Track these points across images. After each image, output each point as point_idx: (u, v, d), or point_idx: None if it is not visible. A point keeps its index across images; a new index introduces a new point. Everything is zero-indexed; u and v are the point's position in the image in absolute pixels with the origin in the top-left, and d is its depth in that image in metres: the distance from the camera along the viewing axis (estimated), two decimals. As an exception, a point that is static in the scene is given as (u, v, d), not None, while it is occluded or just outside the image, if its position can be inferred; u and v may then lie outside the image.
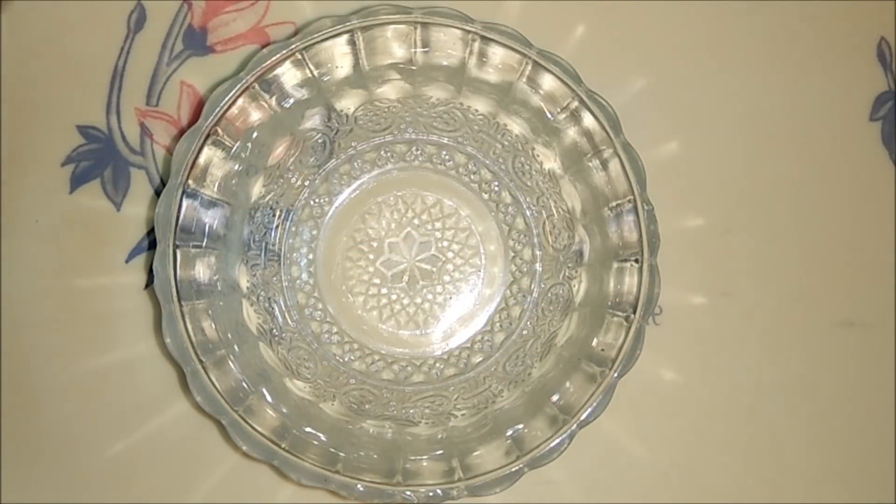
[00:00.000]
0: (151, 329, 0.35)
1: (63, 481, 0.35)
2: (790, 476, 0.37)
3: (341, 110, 0.34)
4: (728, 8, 0.37)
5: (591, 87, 0.31)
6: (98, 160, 0.36)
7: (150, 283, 0.35)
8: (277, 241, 0.35)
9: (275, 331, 0.34)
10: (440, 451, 0.32)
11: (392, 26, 0.31)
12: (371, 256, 0.36)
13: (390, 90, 0.34)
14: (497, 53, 0.32)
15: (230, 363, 0.31)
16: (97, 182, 0.36)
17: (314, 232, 0.35)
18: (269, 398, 0.32)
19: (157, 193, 0.36)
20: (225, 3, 0.36)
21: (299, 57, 0.31)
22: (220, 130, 0.31)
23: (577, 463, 0.35)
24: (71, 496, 0.35)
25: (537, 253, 0.35)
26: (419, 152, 0.36)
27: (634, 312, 0.31)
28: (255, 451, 0.30)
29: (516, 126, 0.34)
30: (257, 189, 0.34)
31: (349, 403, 0.34)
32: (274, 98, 0.32)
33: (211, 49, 0.36)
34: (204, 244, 0.32)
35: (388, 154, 0.36)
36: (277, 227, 0.35)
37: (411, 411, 0.34)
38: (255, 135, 0.32)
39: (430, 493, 0.30)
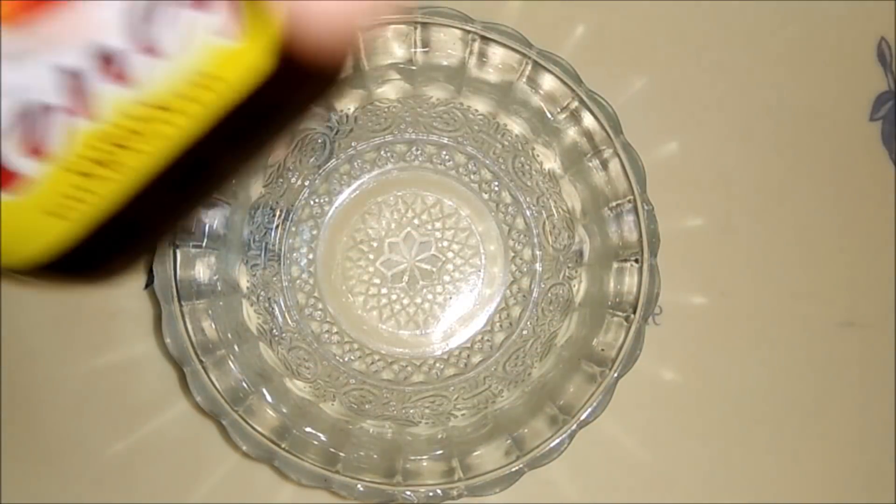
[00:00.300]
0: (151, 329, 0.35)
1: (63, 481, 0.35)
2: (790, 476, 0.37)
3: (341, 110, 0.34)
4: (728, 8, 0.38)
5: (591, 87, 0.31)
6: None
7: (150, 283, 0.35)
8: (277, 241, 0.35)
9: (275, 331, 0.34)
10: (440, 451, 0.32)
11: (392, 26, 0.31)
12: (371, 256, 0.36)
13: (390, 90, 0.34)
14: (497, 53, 0.32)
15: (230, 363, 0.31)
16: (97, 182, 0.36)
17: (314, 232, 0.35)
18: (269, 398, 0.32)
19: (157, 193, 0.36)
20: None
21: (299, 57, 0.31)
22: (220, 130, 0.31)
23: (577, 463, 0.35)
24: (71, 496, 0.35)
25: (537, 253, 0.35)
26: (419, 152, 0.36)
27: (634, 312, 0.31)
28: (255, 451, 0.30)
29: (516, 126, 0.34)
30: (257, 189, 0.34)
31: (349, 403, 0.34)
32: (274, 98, 0.32)
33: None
34: (204, 244, 0.32)
35: (388, 154, 0.36)
36: (277, 227, 0.35)
37: (411, 411, 0.34)
38: (255, 135, 0.32)
39: (430, 493, 0.30)
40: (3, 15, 0.14)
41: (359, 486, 0.30)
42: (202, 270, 0.32)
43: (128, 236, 0.18)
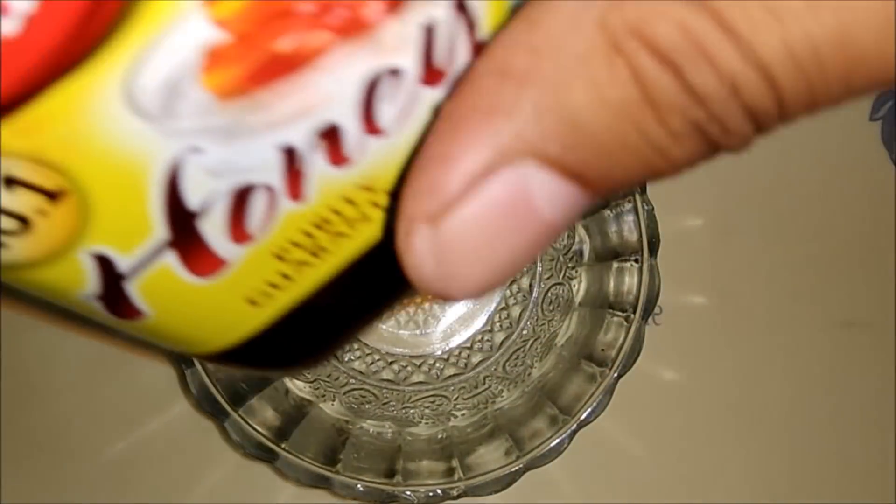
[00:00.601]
0: (151, 329, 0.35)
1: (63, 481, 0.35)
2: (790, 476, 0.37)
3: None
4: None
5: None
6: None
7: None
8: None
9: (275, 331, 0.34)
10: (440, 451, 0.32)
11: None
12: (371, 256, 0.35)
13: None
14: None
15: (230, 363, 0.31)
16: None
17: (314, 232, 0.35)
18: (269, 398, 0.32)
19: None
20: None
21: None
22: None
23: (577, 463, 0.35)
24: (71, 496, 0.35)
25: (537, 253, 0.35)
26: (419, 152, 0.36)
27: (634, 312, 0.31)
28: (255, 451, 0.30)
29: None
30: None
31: (349, 403, 0.34)
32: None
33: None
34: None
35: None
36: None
37: (411, 411, 0.34)
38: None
39: (430, 493, 0.30)
40: (225, 87, 0.12)
41: (359, 486, 0.30)
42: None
43: (318, 328, 0.16)
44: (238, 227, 0.14)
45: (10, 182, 0.12)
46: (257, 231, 0.14)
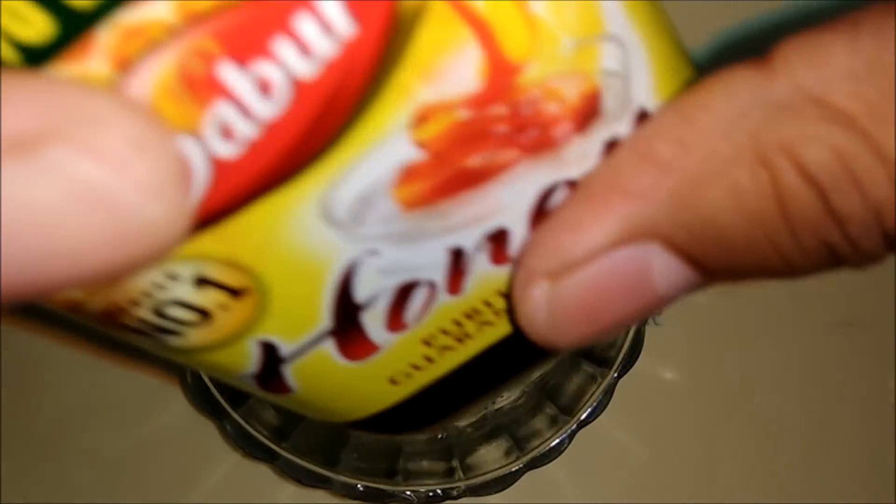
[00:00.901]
0: (151, 329, 0.35)
1: (63, 481, 0.35)
2: (790, 476, 0.37)
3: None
4: (728, 8, 0.37)
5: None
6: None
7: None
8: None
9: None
10: (440, 451, 0.32)
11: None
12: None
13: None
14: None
15: (230, 363, 0.31)
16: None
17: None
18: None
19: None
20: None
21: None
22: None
23: (577, 463, 0.35)
24: (71, 496, 0.35)
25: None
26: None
27: (634, 312, 0.31)
28: (255, 451, 0.30)
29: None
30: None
31: (349, 403, 0.34)
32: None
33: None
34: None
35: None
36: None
37: (411, 411, 0.34)
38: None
39: (430, 493, 0.30)
40: (412, 200, 0.13)
41: (359, 486, 0.30)
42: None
43: (446, 401, 0.17)
44: (396, 318, 0.15)
45: (201, 281, 0.13)
46: (412, 321, 0.15)
